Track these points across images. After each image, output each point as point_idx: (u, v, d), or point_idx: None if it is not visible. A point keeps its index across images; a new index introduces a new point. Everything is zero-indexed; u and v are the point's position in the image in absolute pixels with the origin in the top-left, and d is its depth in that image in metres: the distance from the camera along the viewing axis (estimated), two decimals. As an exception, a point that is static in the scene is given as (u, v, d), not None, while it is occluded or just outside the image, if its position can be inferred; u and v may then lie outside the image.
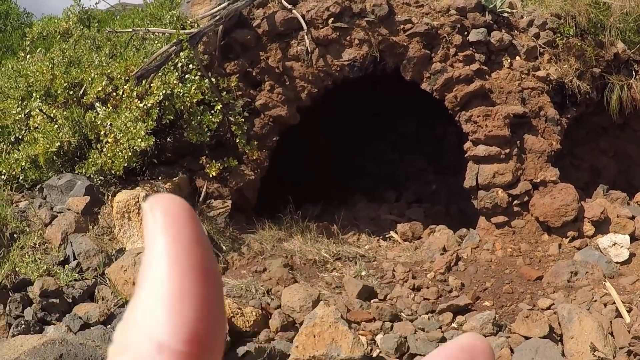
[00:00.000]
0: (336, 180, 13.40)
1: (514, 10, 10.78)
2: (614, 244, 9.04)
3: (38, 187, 9.03)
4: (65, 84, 9.20)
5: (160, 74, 9.13)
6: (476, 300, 8.14)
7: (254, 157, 9.68)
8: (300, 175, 13.13)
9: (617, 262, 8.84)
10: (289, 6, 9.91)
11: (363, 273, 8.64)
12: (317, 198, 12.18)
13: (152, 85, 8.88)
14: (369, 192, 12.97)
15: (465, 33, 10.05)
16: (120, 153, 8.19)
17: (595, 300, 7.87)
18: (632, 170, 11.99)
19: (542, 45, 10.42)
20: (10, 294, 6.83)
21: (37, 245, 7.86)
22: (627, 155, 12.01)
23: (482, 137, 9.68)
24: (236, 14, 9.75)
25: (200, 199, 9.28)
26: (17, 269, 7.26)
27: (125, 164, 8.27)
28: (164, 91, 8.73)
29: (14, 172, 8.89)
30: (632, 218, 9.53)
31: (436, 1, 10.23)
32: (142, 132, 8.16)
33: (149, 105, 8.57)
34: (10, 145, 9.40)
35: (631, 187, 11.51)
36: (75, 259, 7.65)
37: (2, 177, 8.90)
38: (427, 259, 9.36)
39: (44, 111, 9.02)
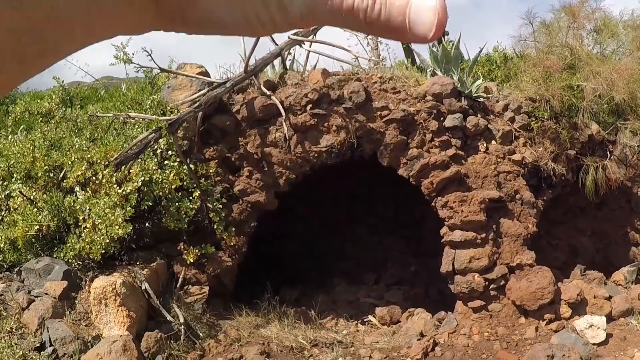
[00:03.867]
0: (315, 263, 13.40)
1: (490, 95, 10.96)
2: (591, 326, 9.07)
3: (16, 269, 9.01)
4: (45, 167, 9.27)
5: (139, 160, 9.22)
6: (452, 389, 8.11)
7: (232, 243, 9.72)
8: (279, 258, 13.14)
9: (594, 344, 8.86)
10: (268, 92, 10.08)
11: (339, 360, 8.61)
12: (296, 281, 12.18)
13: (131, 171, 8.98)
14: (348, 275, 12.97)
15: (442, 118, 10.20)
16: (98, 239, 8.22)
17: (572, 385, 7.86)
18: (610, 248, 12.08)
19: (518, 129, 10.59)
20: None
21: (13, 330, 7.83)
22: (605, 234, 12.10)
23: (458, 223, 9.75)
24: (216, 100, 9.91)
25: (178, 285, 9.27)
26: (-7, 354, 7.23)
27: (103, 251, 8.30)
28: (142, 177, 8.83)
29: (-7, 253, 8.91)
30: (609, 298, 9.61)
31: (413, 87, 10.40)
32: (120, 219, 8.22)
33: (128, 191, 8.65)
34: (-10, 225, 9.40)
35: (610, 265, 11.59)
36: (51, 344, 7.62)
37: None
38: (404, 344, 9.33)
39: (24, 193, 9.06)
